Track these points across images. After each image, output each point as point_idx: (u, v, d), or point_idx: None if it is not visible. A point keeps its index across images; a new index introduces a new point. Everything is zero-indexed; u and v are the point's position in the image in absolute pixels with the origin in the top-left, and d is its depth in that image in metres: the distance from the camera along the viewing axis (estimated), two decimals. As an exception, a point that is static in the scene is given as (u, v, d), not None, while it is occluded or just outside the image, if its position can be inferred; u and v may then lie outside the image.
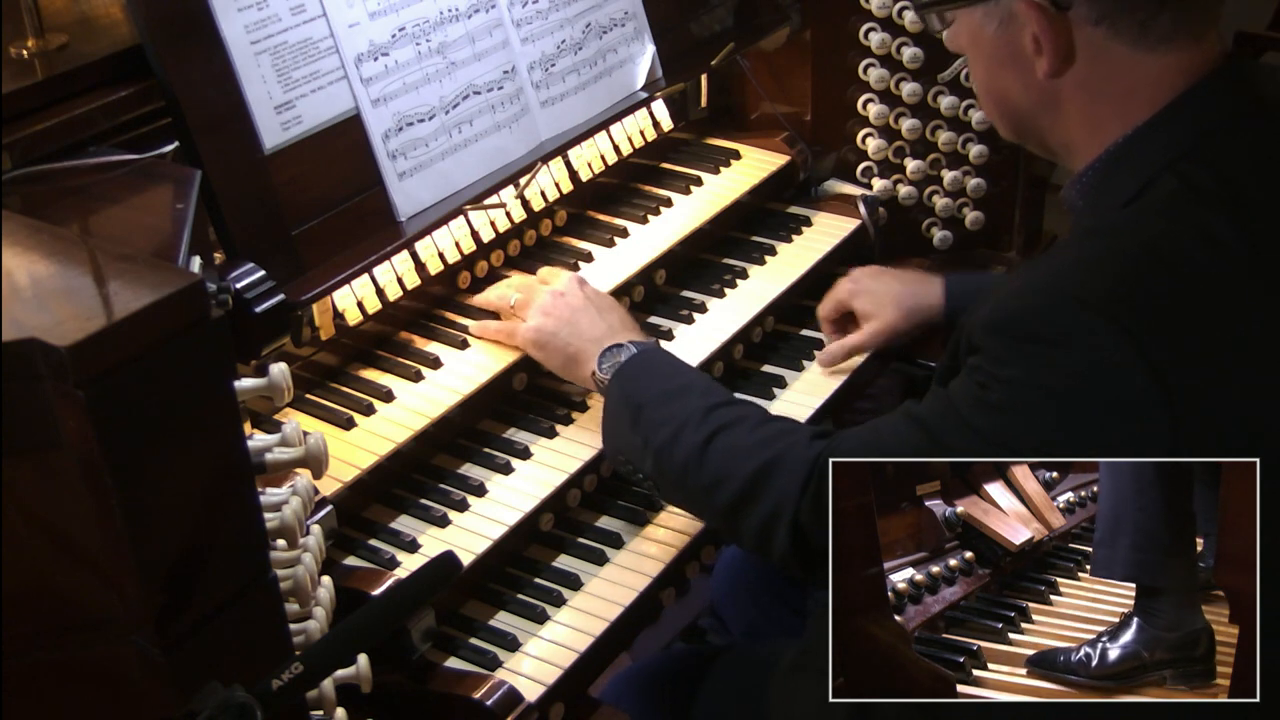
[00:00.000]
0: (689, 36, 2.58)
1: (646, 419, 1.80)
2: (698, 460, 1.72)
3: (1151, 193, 1.44)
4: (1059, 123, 1.57)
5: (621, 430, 1.85)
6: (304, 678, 1.17)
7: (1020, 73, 1.54)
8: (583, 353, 1.96)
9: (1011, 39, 1.52)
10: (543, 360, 2.03)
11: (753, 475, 1.65)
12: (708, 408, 1.76)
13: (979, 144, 2.70)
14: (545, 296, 2.04)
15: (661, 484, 1.82)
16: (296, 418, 1.88)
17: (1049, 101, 1.55)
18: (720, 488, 1.69)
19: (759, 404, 1.93)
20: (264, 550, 1.32)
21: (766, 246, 2.51)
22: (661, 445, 1.76)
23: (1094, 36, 1.48)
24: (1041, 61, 1.51)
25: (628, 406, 1.83)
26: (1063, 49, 1.49)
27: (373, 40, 2.01)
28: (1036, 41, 1.50)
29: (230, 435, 1.24)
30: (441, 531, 1.87)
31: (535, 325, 2.02)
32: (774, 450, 1.65)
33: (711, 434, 1.72)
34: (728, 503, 1.68)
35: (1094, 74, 1.50)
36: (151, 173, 1.66)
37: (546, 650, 1.79)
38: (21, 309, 1.12)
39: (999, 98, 1.62)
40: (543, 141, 2.26)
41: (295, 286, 1.82)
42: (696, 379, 1.88)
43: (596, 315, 2.00)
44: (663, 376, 1.87)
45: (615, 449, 1.89)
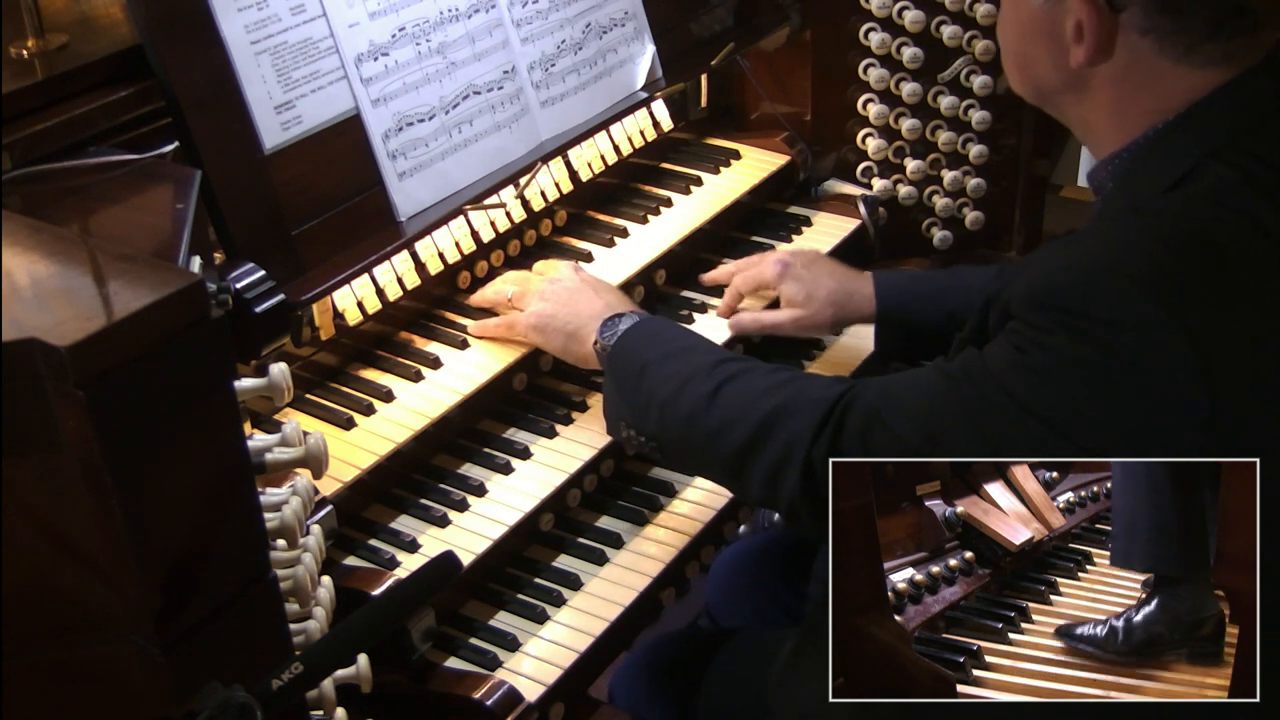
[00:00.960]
0: (689, 36, 2.58)
1: (651, 375, 1.78)
2: (704, 408, 1.69)
3: (1197, 179, 1.43)
4: (1083, 105, 1.56)
5: (624, 393, 1.83)
6: (304, 678, 1.17)
7: (1053, 51, 1.53)
8: (583, 329, 1.95)
9: (1055, 18, 1.51)
10: (544, 344, 2.03)
11: (764, 418, 1.62)
12: (715, 362, 1.74)
13: (979, 144, 2.70)
14: (542, 284, 2.06)
15: (664, 440, 1.78)
16: (296, 418, 1.88)
17: (1076, 85, 1.54)
18: (728, 432, 1.66)
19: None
20: (264, 550, 1.32)
21: (766, 247, 2.51)
22: (666, 398, 1.74)
23: (1138, 43, 1.46)
24: (1078, 50, 1.49)
25: (631, 368, 1.82)
26: (1103, 45, 1.48)
27: (373, 40, 2.01)
28: (1079, 29, 1.48)
29: (230, 435, 1.24)
30: (441, 531, 1.87)
31: (535, 310, 2.02)
32: (786, 393, 1.63)
33: (720, 383, 1.70)
34: (736, 447, 1.65)
35: (1129, 74, 1.49)
36: (151, 173, 1.66)
37: (546, 650, 1.79)
38: (21, 309, 1.12)
39: (1024, 64, 1.61)
40: (543, 141, 2.26)
41: (295, 286, 1.82)
42: (701, 340, 1.87)
43: (593, 294, 2.01)
44: (666, 339, 1.85)
45: (617, 416, 1.86)
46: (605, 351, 1.89)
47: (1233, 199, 1.41)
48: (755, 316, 2.22)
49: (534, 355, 2.11)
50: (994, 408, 1.42)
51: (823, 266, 2.20)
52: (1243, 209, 1.40)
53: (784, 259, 2.20)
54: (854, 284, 2.16)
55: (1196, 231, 1.39)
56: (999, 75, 2.65)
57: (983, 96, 2.66)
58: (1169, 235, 1.40)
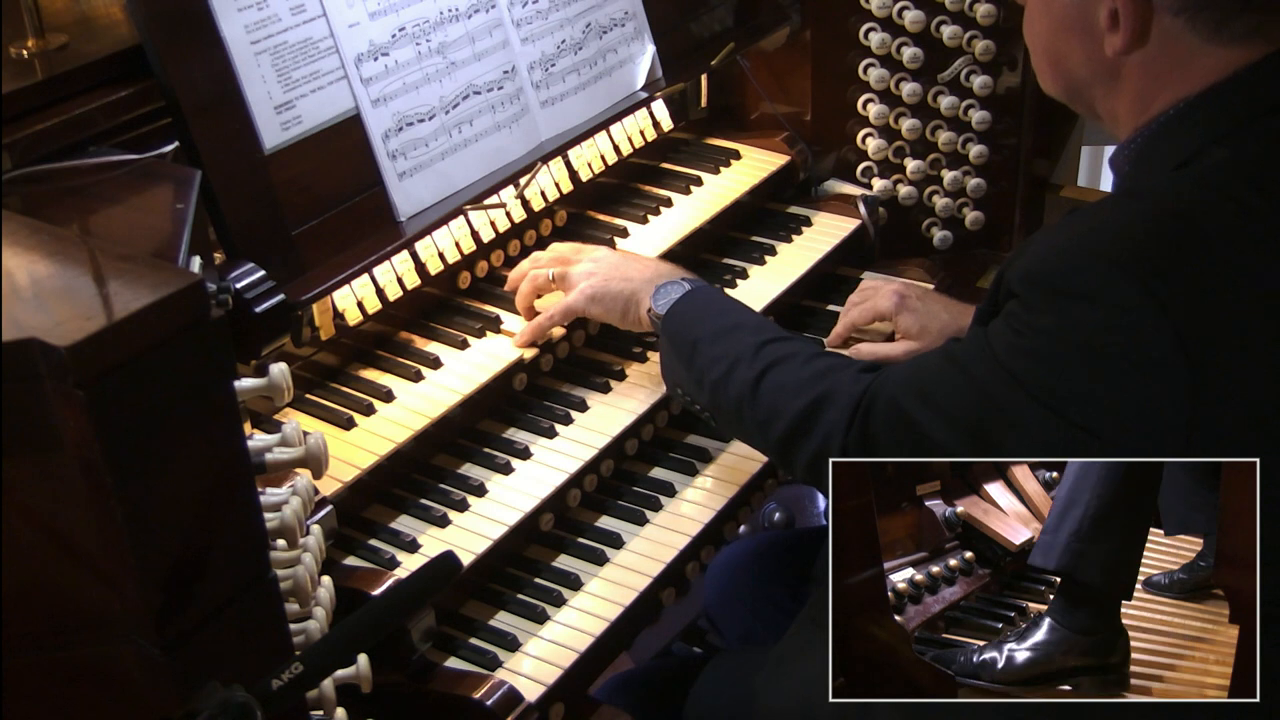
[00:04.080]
0: (689, 36, 2.58)
1: (701, 355, 1.85)
2: (751, 396, 1.77)
3: (1199, 162, 1.47)
4: (1112, 95, 1.58)
5: (678, 366, 1.90)
6: (304, 678, 1.17)
7: (1086, 42, 1.55)
8: (638, 293, 2.02)
9: (1087, 10, 1.53)
10: (600, 314, 2.08)
11: (803, 411, 1.69)
12: (760, 343, 1.80)
13: (979, 144, 2.70)
14: (585, 262, 2.11)
15: (719, 418, 1.87)
16: (296, 418, 1.88)
17: (1108, 75, 1.56)
18: (773, 423, 1.73)
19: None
20: (264, 550, 1.32)
21: (766, 246, 2.51)
22: (716, 381, 1.82)
23: (1171, 25, 1.49)
24: (1114, 38, 1.51)
25: (684, 344, 1.89)
26: (1139, 31, 1.50)
27: (373, 40, 2.01)
28: (1113, 17, 1.50)
29: (230, 435, 1.24)
30: (441, 531, 1.87)
31: (587, 284, 2.07)
32: (823, 386, 1.69)
33: (764, 370, 1.76)
34: (780, 437, 1.73)
35: (1160, 57, 1.51)
36: (151, 173, 1.66)
37: (546, 650, 1.79)
38: (21, 309, 1.12)
39: (1056, 60, 1.63)
40: (543, 141, 2.26)
41: (295, 286, 1.82)
42: (748, 316, 1.93)
43: (640, 264, 2.09)
44: (716, 313, 1.92)
45: (674, 383, 1.95)
46: (658, 321, 1.96)
47: (1223, 181, 1.44)
48: (873, 349, 2.25)
49: (534, 355, 2.11)
50: (1001, 390, 1.46)
51: (936, 300, 2.25)
52: (1231, 192, 1.43)
53: (900, 290, 2.24)
54: (965, 317, 2.16)
55: (1180, 212, 1.43)
56: (999, 75, 2.65)
57: (983, 96, 2.66)
58: (1152, 217, 1.44)
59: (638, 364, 2.18)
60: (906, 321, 2.20)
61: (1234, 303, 1.40)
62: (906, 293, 2.23)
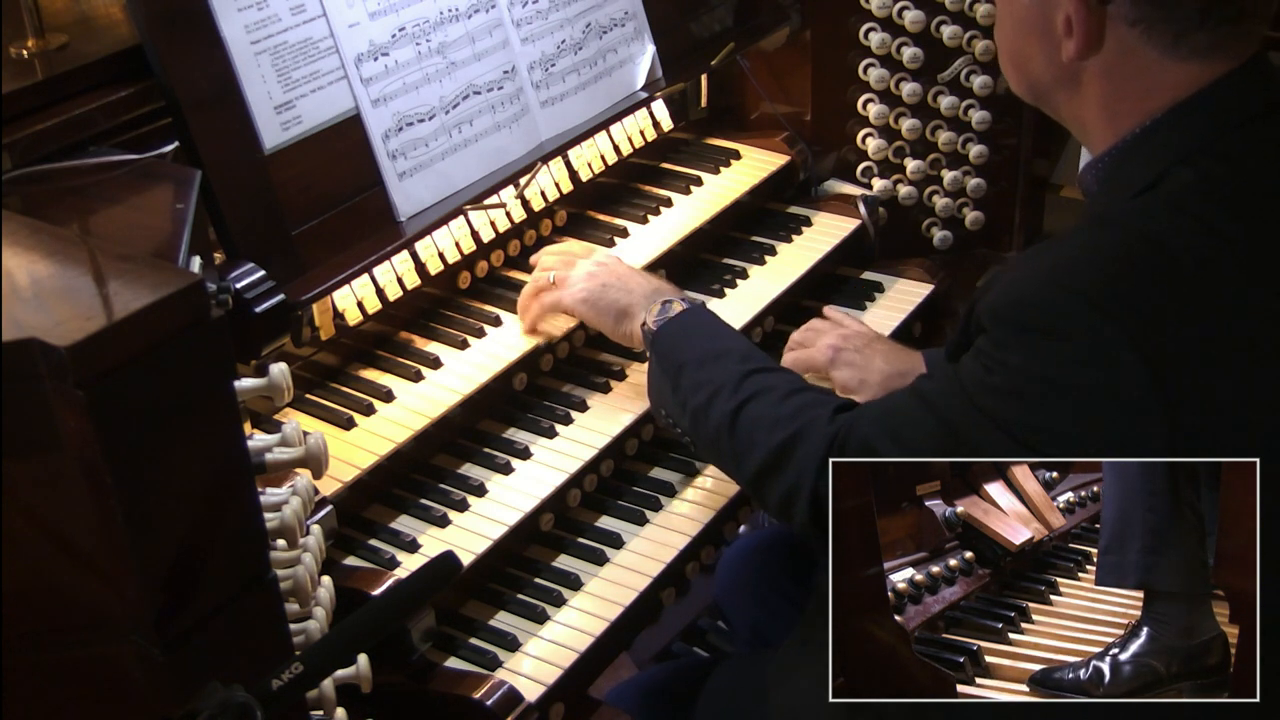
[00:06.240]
0: (689, 36, 2.58)
1: (687, 378, 1.85)
2: (729, 427, 1.76)
3: (1164, 185, 1.45)
4: (1076, 101, 1.57)
5: (665, 386, 1.90)
6: (304, 678, 1.17)
7: (1045, 46, 1.55)
8: (634, 305, 2.01)
9: (1045, 12, 1.52)
10: (594, 319, 2.07)
11: (777, 447, 1.68)
12: (744, 374, 1.79)
13: (979, 144, 2.70)
14: (588, 264, 2.11)
15: (698, 443, 1.86)
16: (296, 418, 1.88)
17: (1069, 80, 1.55)
18: (748, 456, 1.73)
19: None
20: (264, 550, 1.32)
21: (766, 246, 2.51)
22: (697, 408, 1.81)
23: (1127, 35, 1.48)
24: (1069, 44, 1.51)
25: (671, 365, 1.88)
26: (1093, 38, 1.49)
27: (373, 40, 2.01)
28: (1069, 23, 1.50)
29: (230, 435, 1.24)
30: (441, 531, 1.87)
31: (585, 286, 2.07)
32: (797, 424, 1.68)
33: (743, 402, 1.75)
34: (754, 471, 1.72)
35: (1118, 67, 1.50)
36: (151, 173, 1.66)
37: (546, 650, 1.79)
38: (21, 309, 1.12)
39: (1019, 62, 1.62)
40: (543, 141, 2.26)
41: (295, 286, 1.82)
42: (737, 343, 1.91)
43: (642, 277, 2.08)
44: (706, 337, 1.91)
45: (658, 403, 1.94)
46: (650, 337, 1.96)
47: (1192, 204, 1.42)
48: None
49: (534, 355, 2.11)
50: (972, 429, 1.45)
51: (876, 349, 2.13)
52: (1200, 214, 1.41)
53: (835, 344, 2.11)
54: (906, 364, 2.09)
55: (1150, 239, 1.41)
56: (999, 75, 2.65)
57: (983, 96, 2.66)
58: (1121, 245, 1.42)
59: (638, 364, 2.18)
60: (843, 376, 2.08)
61: (1208, 330, 1.39)
62: (843, 345, 2.11)
